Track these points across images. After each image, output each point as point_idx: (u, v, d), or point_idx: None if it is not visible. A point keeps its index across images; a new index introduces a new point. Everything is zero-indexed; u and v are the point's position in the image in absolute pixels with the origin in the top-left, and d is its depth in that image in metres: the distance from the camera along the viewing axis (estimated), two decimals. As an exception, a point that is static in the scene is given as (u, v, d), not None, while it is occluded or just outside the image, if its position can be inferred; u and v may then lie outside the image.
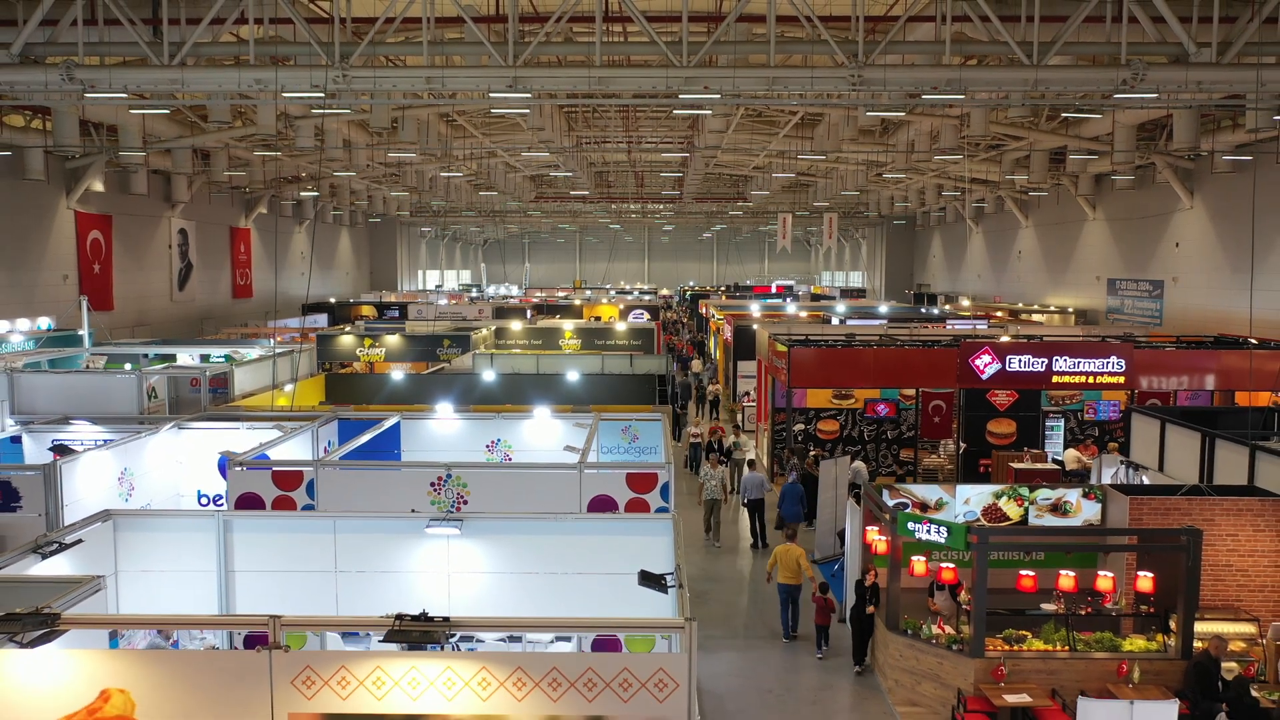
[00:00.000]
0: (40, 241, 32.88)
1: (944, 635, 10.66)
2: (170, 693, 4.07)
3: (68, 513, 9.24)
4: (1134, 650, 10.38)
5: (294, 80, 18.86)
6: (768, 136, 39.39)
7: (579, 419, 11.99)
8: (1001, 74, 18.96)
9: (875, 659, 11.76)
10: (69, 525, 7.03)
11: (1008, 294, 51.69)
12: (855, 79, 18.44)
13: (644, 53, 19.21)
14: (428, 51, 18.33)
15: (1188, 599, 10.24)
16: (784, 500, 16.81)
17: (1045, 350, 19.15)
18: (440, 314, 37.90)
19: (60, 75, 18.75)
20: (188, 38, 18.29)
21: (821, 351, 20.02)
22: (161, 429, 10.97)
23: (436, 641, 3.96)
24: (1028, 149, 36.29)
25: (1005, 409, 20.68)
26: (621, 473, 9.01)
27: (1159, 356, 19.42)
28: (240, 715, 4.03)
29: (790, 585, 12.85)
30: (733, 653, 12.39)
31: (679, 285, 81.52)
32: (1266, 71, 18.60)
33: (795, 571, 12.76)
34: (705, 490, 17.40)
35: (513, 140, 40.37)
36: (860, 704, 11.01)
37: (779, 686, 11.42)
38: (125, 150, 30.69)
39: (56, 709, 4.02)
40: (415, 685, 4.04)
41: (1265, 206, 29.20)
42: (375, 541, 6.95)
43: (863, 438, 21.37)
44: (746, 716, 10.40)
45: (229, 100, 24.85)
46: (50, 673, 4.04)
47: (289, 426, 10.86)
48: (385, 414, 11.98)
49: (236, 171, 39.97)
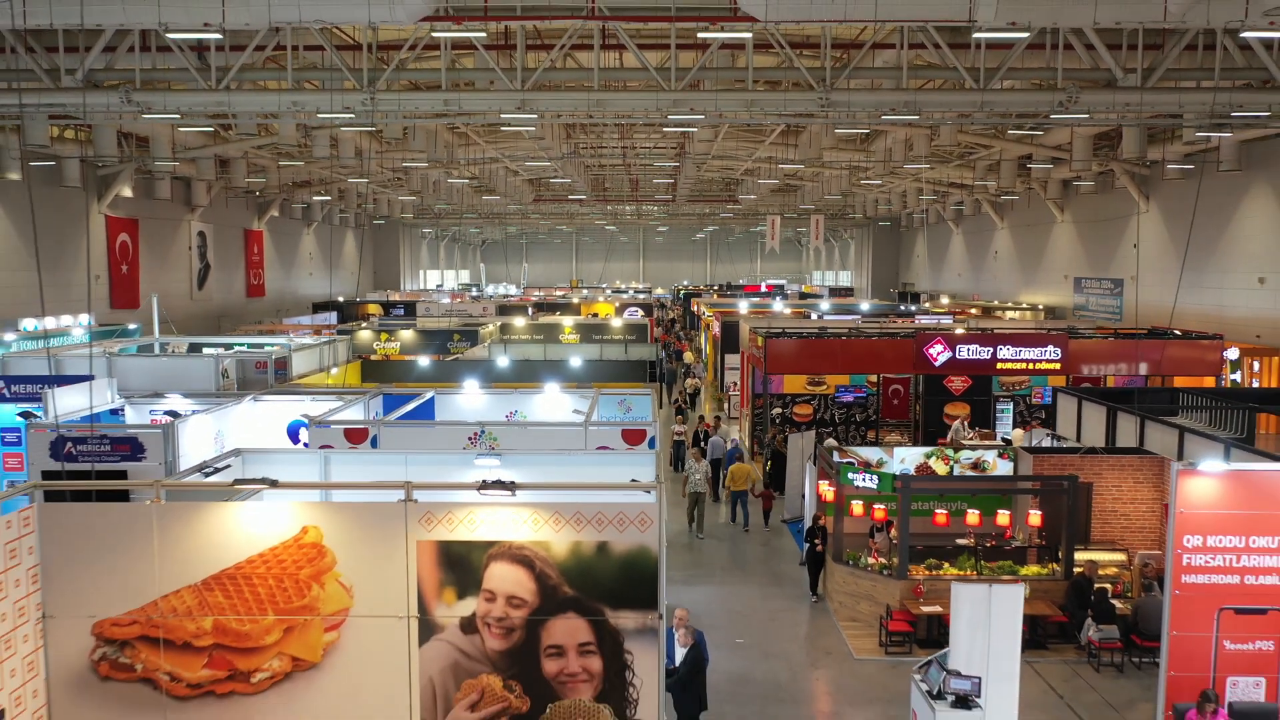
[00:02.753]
0: (75, 244, 35.27)
1: (877, 564, 13.22)
2: (344, 528, 6.57)
3: (180, 463, 11.71)
4: (1028, 574, 12.94)
5: (328, 103, 21.39)
6: (754, 144, 41.86)
7: (582, 394, 14.48)
8: (952, 97, 21.46)
9: (825, 589, 14.30)
10: (214, 457, 9.52)
11: (985, 292, 54.18)
12: (824, 101, 21.00)
13: (637, 78, 21.66)
14: (446, 78, 20.87)
15: (1069, 533, 12.81)
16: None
17: (990, 340, 21.71)
18: (447, 311, 40.40)
19: (120, 98, 21.24)
20: (231, 63, 20.75)
21: (794, 342, 22.55)
22: (243, 400, 13.47)
23: (509, 489, 6.46)
24: (997, 156, 38.83)
25: (960, 394, 23.21)
26: (618, 429, 11.52)
27: (1090, 346, 22.00)
28: (388, 542, 6.54)
29: (740, 491, 17.96)
30: (709, 588, 14.92)
31: (673, 284, 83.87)
32: (1185, 95, 21.21)
33: (744, 481, 17.65)
34: (690, 484, 17.99)
35: (514, 148, 42.78)
36: (812, 621, 13.57)
37: (746, 609, 13.97)
38: (159, 160, 33.07)
39: (276, 538, 6.55)
40: (493, 524, 6.56)
41: (1212, 209, 31.74)
42: (435, 471, 9.40)
43: (834, 420, 23.89)
44: (718, 630, 12.91)
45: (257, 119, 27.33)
46: (271, 517, 6.57)
47: (348, 398, 13.37)
48: (422, 389, 14.48)
49: (256, 179, 42.33)
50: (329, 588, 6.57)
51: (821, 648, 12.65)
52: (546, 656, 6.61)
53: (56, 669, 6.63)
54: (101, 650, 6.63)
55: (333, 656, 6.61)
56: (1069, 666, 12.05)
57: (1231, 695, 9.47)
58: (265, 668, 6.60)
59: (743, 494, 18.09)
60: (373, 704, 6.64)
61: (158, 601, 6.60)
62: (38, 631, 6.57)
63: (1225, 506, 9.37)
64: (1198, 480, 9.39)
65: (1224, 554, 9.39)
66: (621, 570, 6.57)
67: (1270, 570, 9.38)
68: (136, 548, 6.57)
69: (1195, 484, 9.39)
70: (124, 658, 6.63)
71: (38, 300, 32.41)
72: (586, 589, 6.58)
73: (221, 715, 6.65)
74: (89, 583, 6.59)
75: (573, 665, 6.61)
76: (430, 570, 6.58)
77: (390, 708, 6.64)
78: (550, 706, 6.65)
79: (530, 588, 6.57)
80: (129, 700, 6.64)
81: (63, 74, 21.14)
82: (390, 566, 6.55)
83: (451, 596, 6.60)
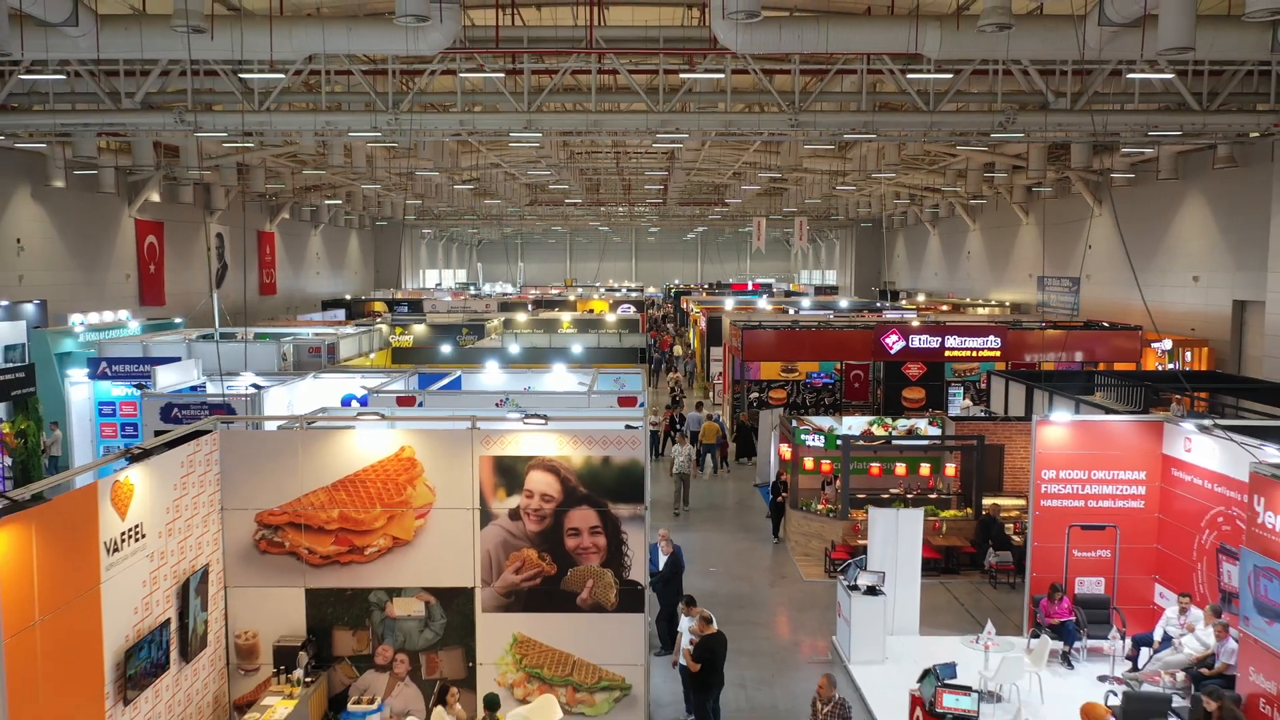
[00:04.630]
0: (108, 245, 38.12)
1: (825, 508, 16.26)
2: (429, 447, 9.54)
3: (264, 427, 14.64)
4: (946, 516, 15.98)
5: (357, 123, 24.36)
6: (738, 152, 44.89)
7: (584, 373, 17.45)
8: (905, 118, 24.48)
9: (785, 532, 17.34)
10: (305, 414, 12.47)
11: (959, 290, 57.25)
12: (793, 122, 24.01)
13: (629, 100, 24.64)
14: (461, 101, 23.82)
15: (978, 483, 15.86)
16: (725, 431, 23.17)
17: (938, 331, 24.78)
18: (455, 308, 43.38)
19: (174, 118, 24.15)
20: (270, 85, 23.62)
21: (768, 333, 25.60)
22: (305, 377, 16.43)
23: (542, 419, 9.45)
24: (963, 164, 41.95)
25: (916, 379, 26.27)
26: (614, 396, 14.49)
27: (1026, 336, 25.10)
28: (459, 457, 9.51)
29: (709, 444, 22.19)
30: (689, 534, 17.93)
31: (665, 283, 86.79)
32: (1110, 117, 24.30)
33: (713, 436, 21.69)
34: (675, 465, 19.70)
35: (514, 156, 45.73)
36: (773, 556, 16.61)
37: (719, 548, 17.01)
38: (189, 168, 35.95)
39: (382, 454, 9.55)
40: (531, 444, 9.57)
41: (1154, 214, 34.88)
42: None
43: (805, 402, 26.94)
44: (695, 562, 15.89)
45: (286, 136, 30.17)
46: (379, 440, 9.57)
47: (393, 374, 16.34)
48: (450, 370, 17.45)
49: (278, 186, 45.22)
50: (419, 488, 9.57)
51: (779, 574, 15.69)
52: (568, 535, 9.63)
53: (230, 545, 9.61)
54: (261, 532, 9.62)
55: (421, 536, 9.62)
56: (974, 585, 15.12)
57: (1079, 590, 12.51)
58: (374, 544, 9.60)
59: (712, 446, 22.57)
60: (448, 570, 9.64)
61: (300, 498, 9.59)
62: (219, 519, 9.55)
63: (1072, 449, 12.42)
64: (1051, 429, 12.46)
65: (1072, 484, 12.44)
66: (619, 476, 9.59)
67: (1107, 496, 12.43)
68: (286, 462, 9.57)
69: (1049, 431, 12.45)
70: (276, 537, 9.62)
71: (78, 298, 35.26)
72: (595, 488, 9.60)
73: (343, 578, 9.64)
74: (253, 486, 9.58)
75: (586, 541, 9.63)
76: (488, 476, 9.59)
77: (460, 572, 9.64)
78: (570, 570, 9.67)
79: (557, 488, 9.59)
80: (279, 567, 9.63)
81: (123, 97, 24.01)
82: (461, 473, 9.57)
83: (502, 494, 9.61)
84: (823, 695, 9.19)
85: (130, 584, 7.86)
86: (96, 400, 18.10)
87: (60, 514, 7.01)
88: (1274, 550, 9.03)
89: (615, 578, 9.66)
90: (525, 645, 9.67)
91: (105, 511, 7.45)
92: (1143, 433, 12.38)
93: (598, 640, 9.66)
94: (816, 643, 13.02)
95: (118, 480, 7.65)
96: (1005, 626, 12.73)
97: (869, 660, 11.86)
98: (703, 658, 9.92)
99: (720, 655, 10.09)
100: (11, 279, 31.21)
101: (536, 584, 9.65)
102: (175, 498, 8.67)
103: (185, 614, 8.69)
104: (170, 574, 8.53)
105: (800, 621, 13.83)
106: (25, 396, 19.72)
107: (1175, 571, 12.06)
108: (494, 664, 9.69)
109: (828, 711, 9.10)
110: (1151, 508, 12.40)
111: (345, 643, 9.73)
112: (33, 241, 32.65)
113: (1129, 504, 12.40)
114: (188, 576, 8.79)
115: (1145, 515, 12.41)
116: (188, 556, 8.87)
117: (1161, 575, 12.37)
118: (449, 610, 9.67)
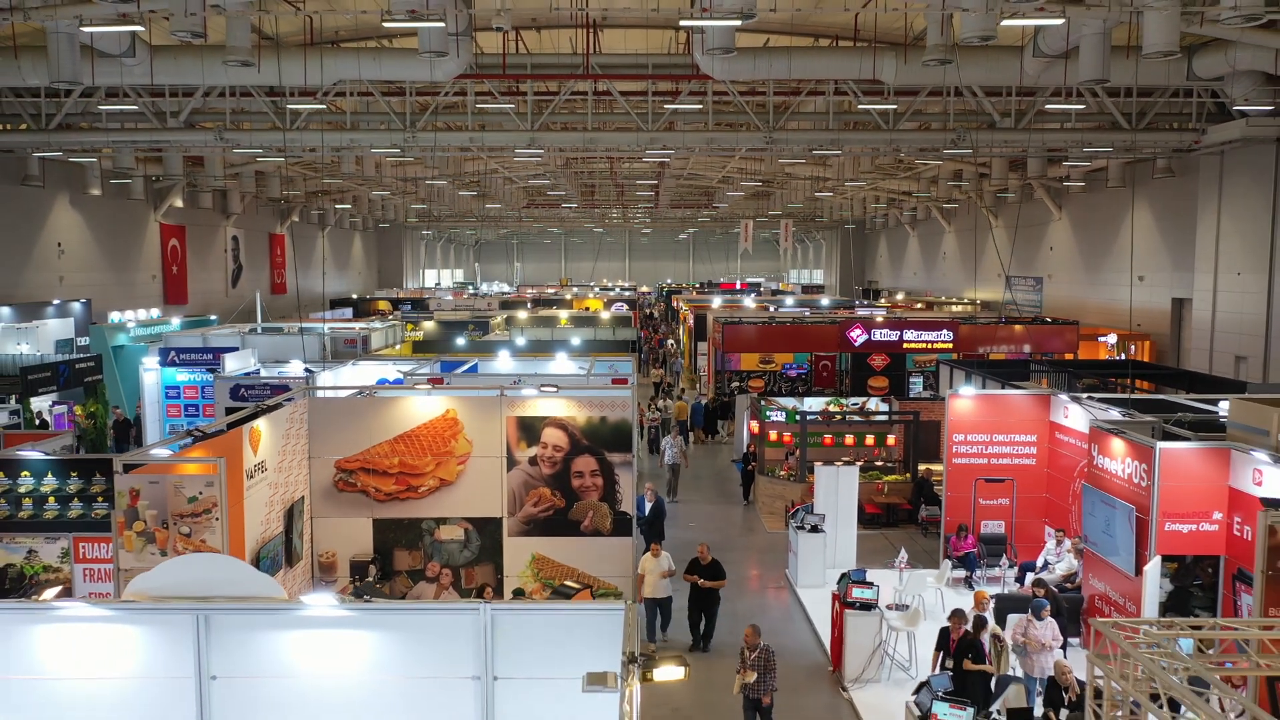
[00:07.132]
0: (136, 248, 40.94)
1: (787, 473, 19.25)
2: (468, 409, 12.48)
3: (316, 402, 17.55)
4: (888, 480, 18.98)
5: (378, 140, 27.30)
6: (724, 161, 47.85)
7: (583, 360, 20.39)
8: (867, 135, 27.49)
9: (754, 496, 20.32)
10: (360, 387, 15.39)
11: (937, 289, 60.28)
12: (768, 139, 27.00)
13: (621, 120, 27.56)
14: (471, 120, 26.75)
15: (914, 450, 18.87)
16: (693, 414, 26.14)
17: (897, 325, 27.80)
18: (456, 306, 46.33)
19: (214, 136, 27.05)
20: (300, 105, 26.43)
21: (746, 327, 28.58)
22: (346, 364, 19.35)
23: (555, 388, 12.39)
24: (936, 170, 44.98)
25: (880, 369, 29.26)
26: (609, 377, 17.43)
27: (976, 330, 28.12)
28: (491, 415, 12.47)
29: (682, 420, 25.47)
30: (673, 504, 20.88)
31: (657, 282, 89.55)
32: (1048, 135, 27.34)
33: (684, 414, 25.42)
34: (667, 456, 21.74)
35: (515, 163, 48.59)
36: (743, 515, 19.62)
37: (697, 511, 20.00)
38: (213, 177, 38.81)
39: (431, 415, 12.49)
40: (545, 408, 12.53)
41: (1106, 218, 37.92)
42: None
43: (781, 390, 29.89)
44: (675, 521, 18.86)
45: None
46: (429, 404, 12.53)
47: (421, 361, 19.27)
48: (468, 358, 20.39)
49: (293, 191, 48.06)
50: (460, 441, 12.52)
51: (746, 528, 18.69)
52: (574, 477, 12.60)
53: (315, 485, 12.55)
54: (339, 475, 12.56)
55: (462, 478, 12.57)
56: (909, 534, 18.15)
57: (984, 530, 15.51)
58: (426, 484, 12.56)
59: (683, 422, 25.67)
60: (482, 503, 12.60)
61: (369, 449, 12.53)
62: (306, 465, 12.49)
63: (978, 417, 15.42)
64: (960, 401, 15.45)
65: (978, 445, 15.44)
66: (613, 431, 12.56)
67: (1005, 455, 15.43)
68: (359, 421, 12.51)
69: (959, 403, 15.45)
70: (350, 479, 12.57)
71: (110, 297, 38.09)
72: (595, 440, 12.56)
73: (401, 510, 12.60)
74: (333, 439, 12.52)
75: (588, 482, 12.59)
76: (513, 431, 12.55)
77: (491, 504, 12.60)
78: (575, 504, 12.63)
79: (565, 440, 12.55)
80: (352, 502, 12.58)
81: (168, 116, 26.86)
82: (492, 430, 12.53)
83: (524, 446, 12.57)
84: (749, 643, 10.60)
85: (259, 502, 10.79)
86: (164, 385, 21.00)
87: (226, 444, 9.95)
88: (1105, 485, 12.02)
89: (610, 509, 12.63)
90: (541, 562, 12.63)
91: (245, 448, 10.39)
92: (1034, 404, 15.39)
93: (596, 557, 12.63)
94: (774, 575, 16.02)
95: (254, 427, 10.60)
96: (927, 563, 15.72)
97: (812, 585, 14.86)
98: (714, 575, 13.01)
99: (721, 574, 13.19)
100: (53, 280, 34.06)
101: (549, 514, 12.62)
102: (282, 445, 11.60)
103: (289, 531, 11.63)
104: (280, 500, 11.46)
105: (763, 560, 16.83)
106: (95, 383, 22.64)
107: (1058, 514, 15.07)
108: (517, 576, 12.66)
109: (754, 658, 10.56)
110: (1041, 464, 15.40)
111: (403, 560, 12.69)
112: (71, 245, 35.50)
113: (1023, 461, 15.41)
114: (291, 504, 11.72)
115: (1036, 470, 15.42)
116: (290, 489, 11.81)
117: (1049, 518, 15.38)
118: (483, 535, 12.63)
